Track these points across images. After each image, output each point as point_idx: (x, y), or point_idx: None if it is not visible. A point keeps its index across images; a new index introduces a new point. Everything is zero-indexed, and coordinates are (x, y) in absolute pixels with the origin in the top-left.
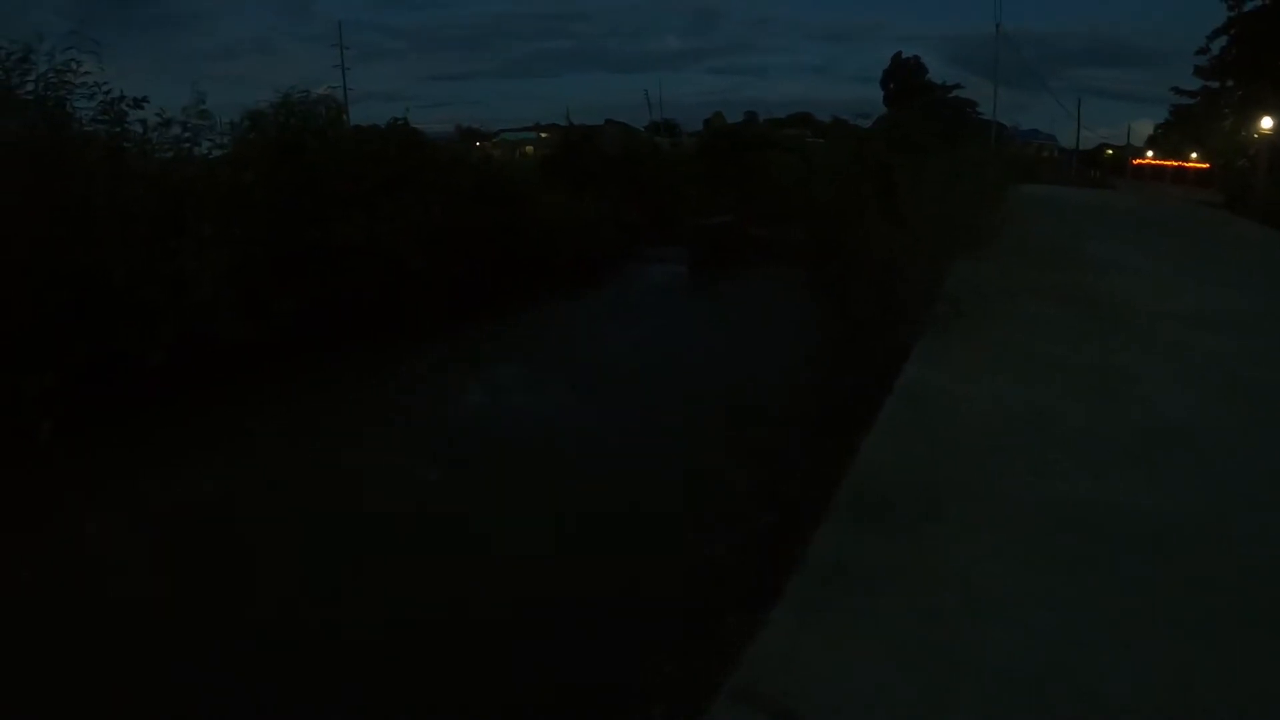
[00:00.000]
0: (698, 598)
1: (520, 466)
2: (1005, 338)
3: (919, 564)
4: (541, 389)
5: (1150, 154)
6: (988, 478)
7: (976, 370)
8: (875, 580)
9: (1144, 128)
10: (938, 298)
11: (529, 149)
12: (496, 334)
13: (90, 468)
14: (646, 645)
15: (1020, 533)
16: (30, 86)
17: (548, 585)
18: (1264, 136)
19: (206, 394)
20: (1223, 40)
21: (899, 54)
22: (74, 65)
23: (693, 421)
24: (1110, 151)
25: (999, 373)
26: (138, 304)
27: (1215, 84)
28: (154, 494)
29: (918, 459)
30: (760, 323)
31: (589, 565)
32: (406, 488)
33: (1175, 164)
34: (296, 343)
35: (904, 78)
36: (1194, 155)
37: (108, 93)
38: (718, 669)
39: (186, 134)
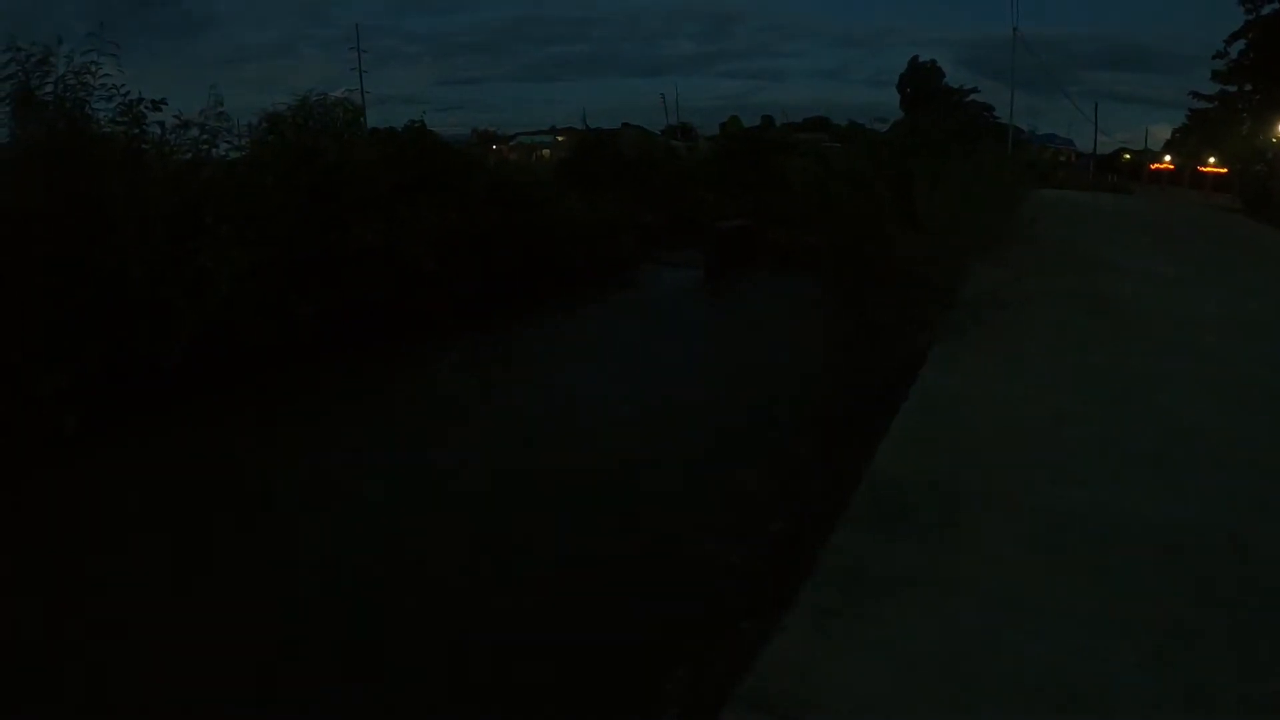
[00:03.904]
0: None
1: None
2: (1022, 343)
3: (935, 571)
4: (553, 407)
5: (1168, 158)
6: (1004, 484)
7: (993, 375)
8: (890, 587)
9: (1162, 132)
10: (955, 302)
11: (545, 152)
12: (507, 341)
13: (99, 466)
14: None
15: (1038, 540)
16: (50, 88)
17: None
18: None
19: (222, 395)
20: (1240, 44)
21: (915, 58)
22: (93, 67)
23: (712, 428)
24: (1128, 156)
25: (1016, 378)
26: (155, 304)
27: (1233, 88)
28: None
29: (934, 465)
30: (778, 327)
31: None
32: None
33: (1193, 168)
34: (312, 345)
35: (920, 82)
36: (1211, 160)
37: (126, 95)
38: None
39: (204, 136)
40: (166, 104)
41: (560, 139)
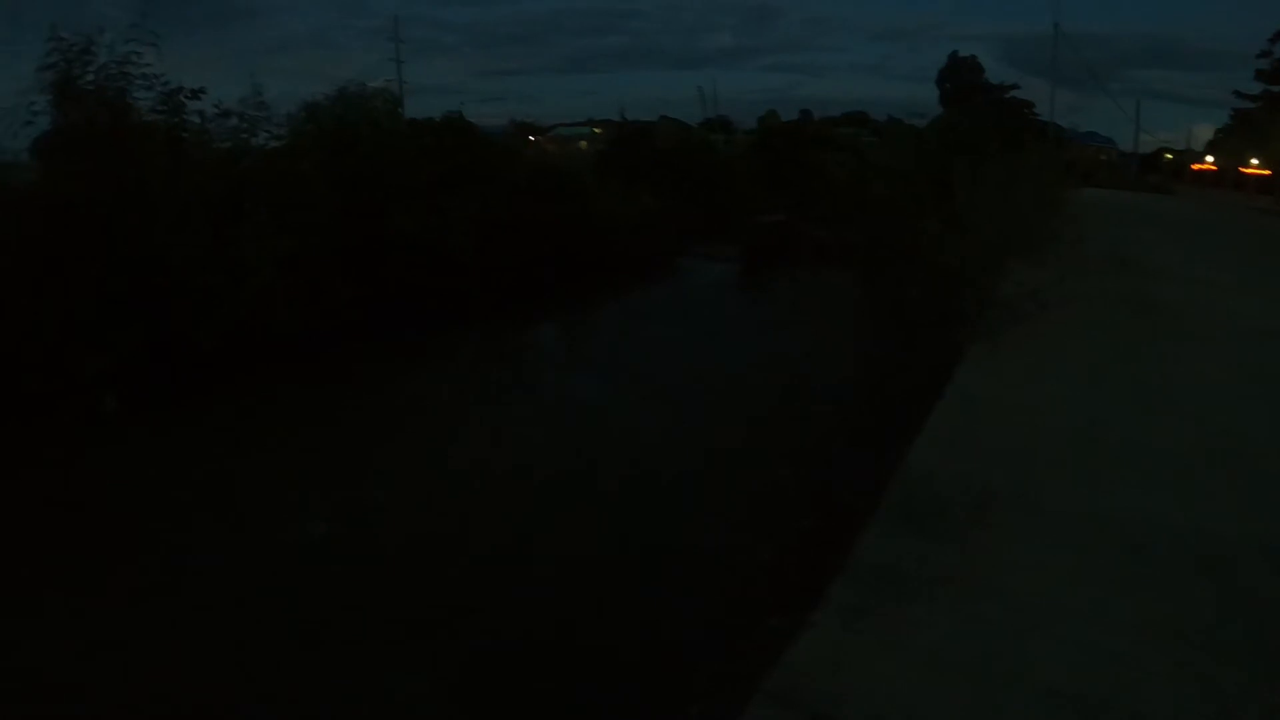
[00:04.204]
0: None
1: None
2: (1060, 344)
3: (964, 572)
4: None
5: (1210, 159)
6: (1037, 488)
7: (1030, 378)
8: (920, 586)
9: (1204, 132)
10: (993, 301)
11: (583, 144)
12: (541, 331)
13: (136, 444)
14: None
15: (1069, 545)
16: (91, 77)
17: None
18: None
19: (258, 379)
20: None
21: (955, 53)
22: (134, 57)
23: (745, 423)
24: (1170, 156)
25: (1053, 380)
26: (195, 289)
27: (1277, 88)
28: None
29: (967, 466)
30: (814, 324)
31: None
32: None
33: (1236, 169)
34: (349, 331)
35: (960, 77)
36: (1255, 161)
37: (166, 84)
38: None
39: (244, 125)
40: (206, 93)
41: (598, 131)
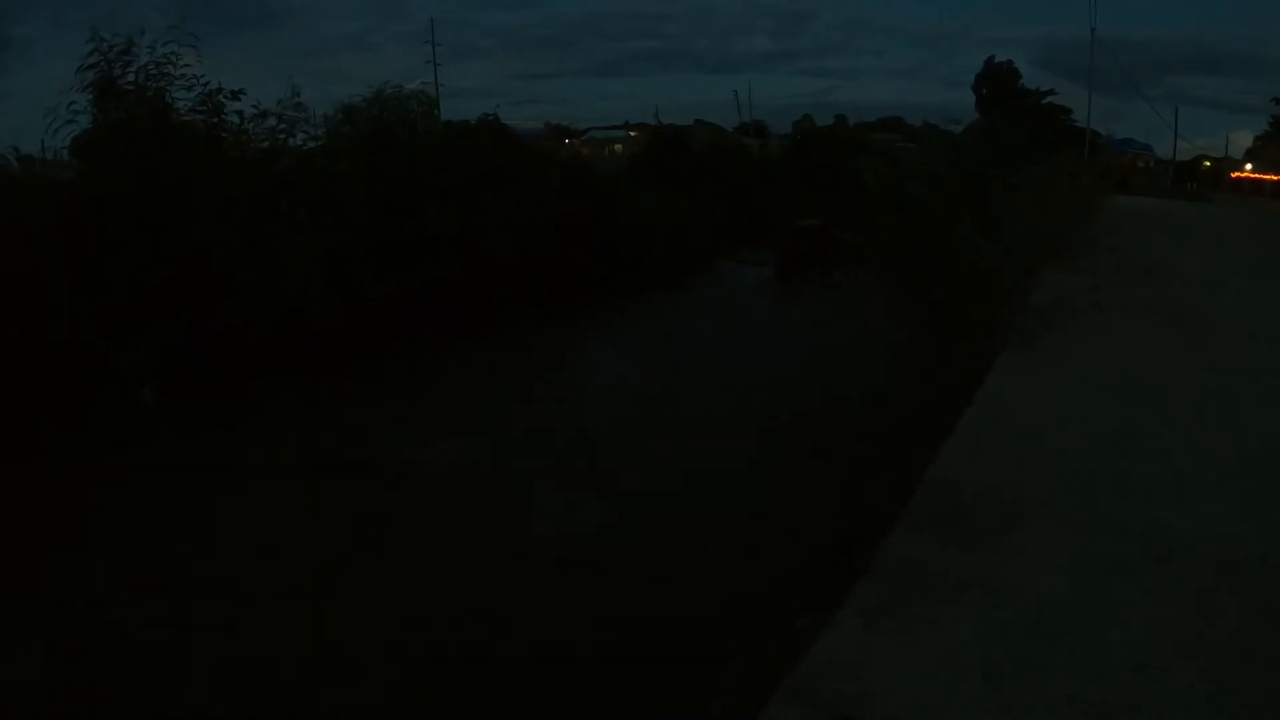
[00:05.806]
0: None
1: None
2: (1092, 353)
3: (991, 578)
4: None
5: (1249, 166)
6: (1067, 496)
7: (1061, 384)
8: (945, 590)
9: (1243, 139)
10: (1027, 308)
11: (618, 147)
12: (574, 331)
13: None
14: None
15: (1098, 554)
16: (131, 77)
17: None
18: None
19: (294, 374)
20: None
21: (991, 58)
22: (173, 58)
23: (770, 428)
24: (1208, 163)
25: (1084, 388)
26: (234, 286)
27: None
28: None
29: (994, 471)
30: (846, 328)
31: None
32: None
33: (1276, 177)
34: (387, 328)
35: (996, 82)
36: None
37: (205, 85)
38: None
39: (282, 126)
40: (245, 94)
41: (633, 134)
